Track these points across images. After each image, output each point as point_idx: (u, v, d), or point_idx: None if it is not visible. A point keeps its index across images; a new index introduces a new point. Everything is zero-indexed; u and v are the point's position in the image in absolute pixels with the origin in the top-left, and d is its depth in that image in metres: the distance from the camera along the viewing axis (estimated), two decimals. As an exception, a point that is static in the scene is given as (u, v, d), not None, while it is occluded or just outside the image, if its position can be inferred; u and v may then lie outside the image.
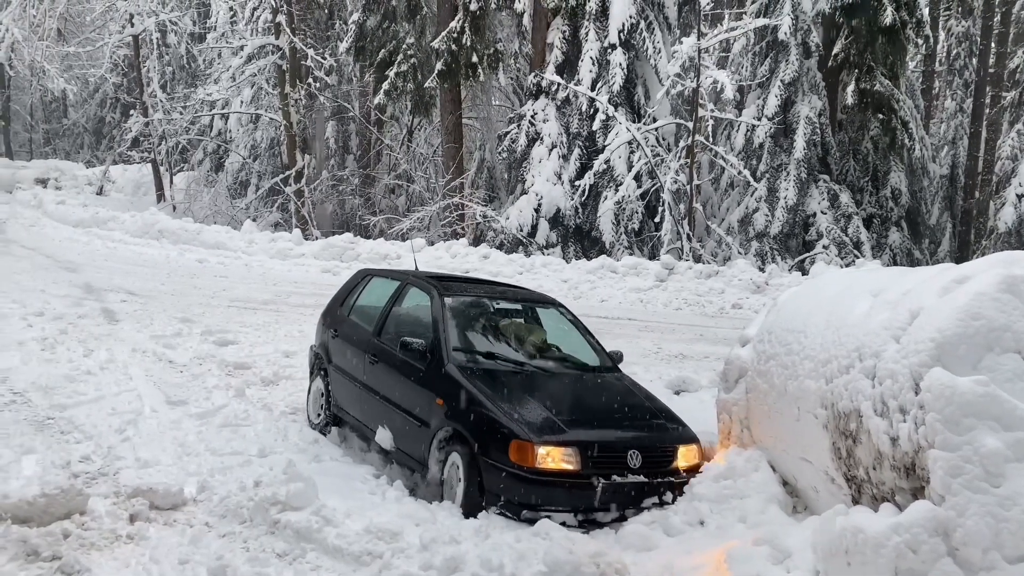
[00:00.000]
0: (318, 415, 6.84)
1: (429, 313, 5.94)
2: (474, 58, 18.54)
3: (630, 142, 17.56)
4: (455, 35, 18.50)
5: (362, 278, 7.19)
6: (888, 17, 17.42)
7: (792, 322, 5.19)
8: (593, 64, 18.35)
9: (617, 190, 17.66)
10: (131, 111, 28.85)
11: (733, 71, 20.69)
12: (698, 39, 16.41)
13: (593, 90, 18.20)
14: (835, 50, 18.72)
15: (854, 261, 17.04)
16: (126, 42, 27.60)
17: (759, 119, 18.53)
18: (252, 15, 25.07)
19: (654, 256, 16.96)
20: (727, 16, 18.56)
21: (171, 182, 27.05)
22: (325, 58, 21.89)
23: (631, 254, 17.15)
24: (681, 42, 16.83)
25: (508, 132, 19.66)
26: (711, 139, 18.84)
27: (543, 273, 15.17)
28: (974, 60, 26.05)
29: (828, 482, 4.69)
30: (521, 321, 6.30)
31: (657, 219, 17.66)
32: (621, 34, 18.01)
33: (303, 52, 21.58)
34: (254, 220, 21.78)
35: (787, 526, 4.68)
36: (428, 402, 5.43)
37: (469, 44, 18.43)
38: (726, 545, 4.55)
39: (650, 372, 8.67)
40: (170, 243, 18.28)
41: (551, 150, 18.46)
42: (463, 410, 5.14)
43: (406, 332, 5.90)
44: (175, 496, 5.07)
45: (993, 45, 24.13)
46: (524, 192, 18.52)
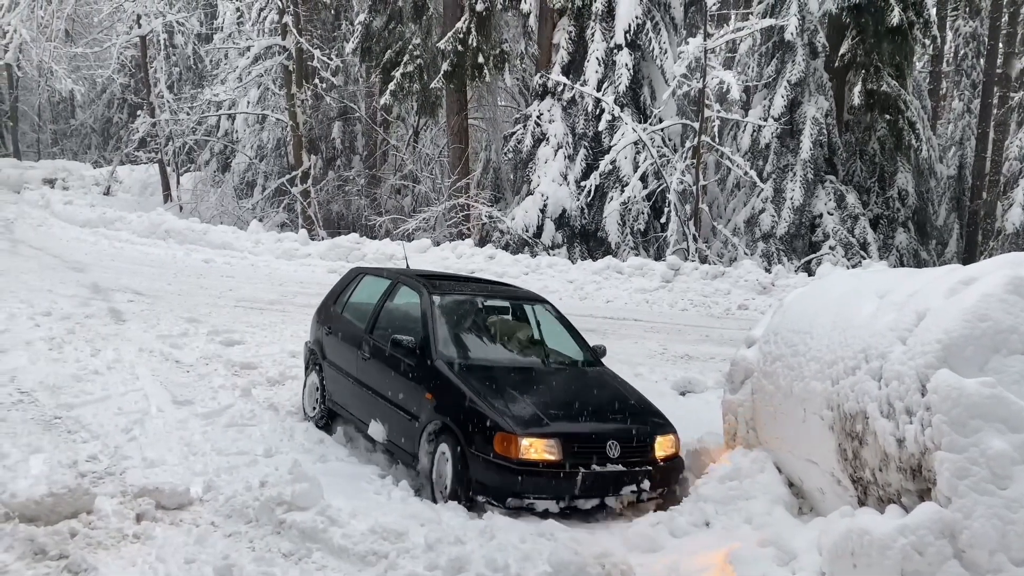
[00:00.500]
0: (313, 408, 7.00)
1: (419, 311, 6.12)
2: (480, 59, 18.54)
3: (636, 143, 17.54)
4: (461, 36, 18.51)
5: (355, 276, 7.33)
6: (895, 17, 17.37)
7: (798, 323, 5.18)
8: (599, 64, 18.34)
9: (623, 191, 17.65)
10: (138, 111, 28.95)
11: (739, 71, 20.68)
12: (704, 39, 16.39)
13: (599, 90, 18.19)
14: (842, 50, 18.66)
15: (861, 262, 16.99)
16: (133, 43, 27.68)
17: (765, 120, 18.49)
18: (259, 16, 25.15)
19: (660, 257, 16.94)
20: (733, 16, 18.58)
21: (178, 182, 27.10)
22: (331, 59, 21.93)
23: (637, 255, 17.13)
24: (687, 42, 16.81)
25: (514, 132, 19.66)
26: (717, 140, 18.83)
27: (549, 274, 15.17)
28: (982, 60, 25.95)
29: (834, 483, 4.68)
30: (508, 318, 6.51)
31: (663, 220, 17.64)
32: (627, 34, 17.99)
33: (309, 53, 21.62)
34: (260, 220, 21.81)
35: (793, 527, 4.68)
36: (418, 396, 5.63)
37: (475, 45, 18.44)
38: (732, 546, 4.54)
39: (656, 373, 8.66)
40: (177, 243, 18.33)
41: (557, 151, 18.46)
42: (451, 404, 5.36)
43: (397, 329, 6.09)
44: (181, 496, 5.09)
45: (1001, 45, 24.04)
46: (530, 193, 18.52)
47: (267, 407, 7.33)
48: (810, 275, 15.20)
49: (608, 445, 5.20)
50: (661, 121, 17.87)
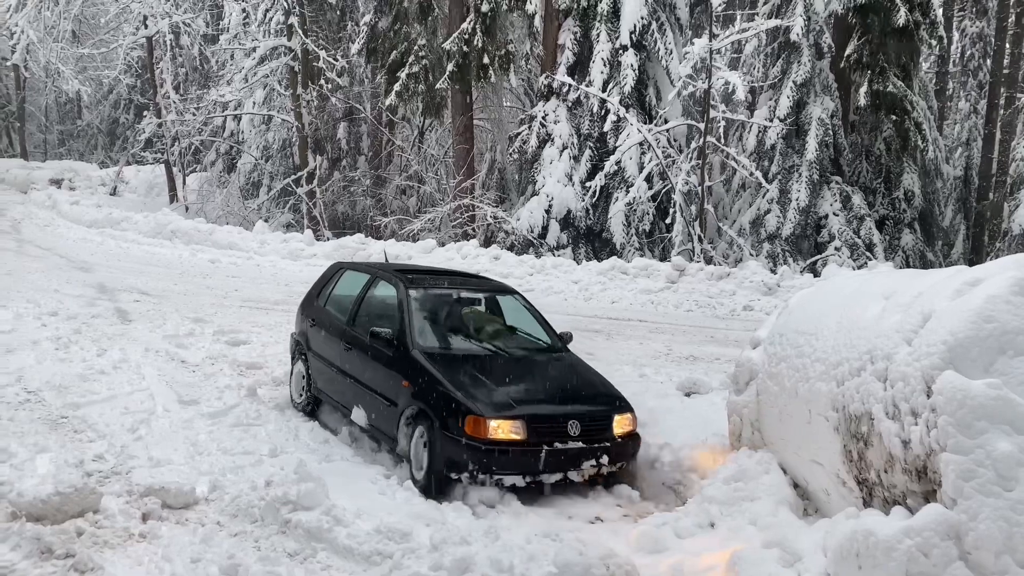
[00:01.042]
0: (300, 395, 7.33)
1: (396, 303, 6.48)
2: (485, 59, 18.55)
3: (641, 143, 17.53)
4: (466, 36, 18.52)
5: (336, 271, 7.69)
6: (901, 18, 17.31)
7: (803, 324, 5.18)
8: (604, 65, 18.33)
9: (628, 191, 17.64)
10: (144, 112, 29.04)
11: (745, 72, 20.64)
12: (710, 40, 16.37)
13: (604, 91, 18.18)
14: (848, 51, 18.60)
15: (866, 263, 16.94)
16: (140, 44, 27.80)
17: (771, 120, 18.46)
18: (264, 17, 25.19)
19: (665, 258, 16.92)
20: (739, 17, 18.52)
21: (184, 183, 27.20)
22: (337, 59, 21.96)
23: (642, 255, 17.11)
24: (693, 43, 16.78)
25: (519, 133, 19.66)
26: (722, 140, 18.80)
27: (554, 274, 15.16)
28: (988, 61, 25.87)
29: (839, 485, 4.67)
30: (480, 308, 6.94)
31: (668, 220, 17.62)
32: (632, 35, 17.98)
33: (315, 53, 21.66)
34: (266, 221, 21.87)
35: (798, 529, 4.67)
36: (396, 384, 5.98)
37: (480, 45, 18.45)
38: (736, 547, 4.54)
39: (660, 374, 8.65)
40: (183, 243, 18.38)
41: (562, 151, 18.46)
42: (426, 390, 5.71)
43: (375, 321, 6.47)
44: (187, 495, 5.11)
45: (1007, 46, 23.94)
46: (535, 193, 18.52)
47: (272, 407, 7.35)
48: (816, 276, 15.15)
49: (569, 425, 5.58)
50: (666, 122, 17.85)
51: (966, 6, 27.47)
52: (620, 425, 5.84)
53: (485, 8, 18.33)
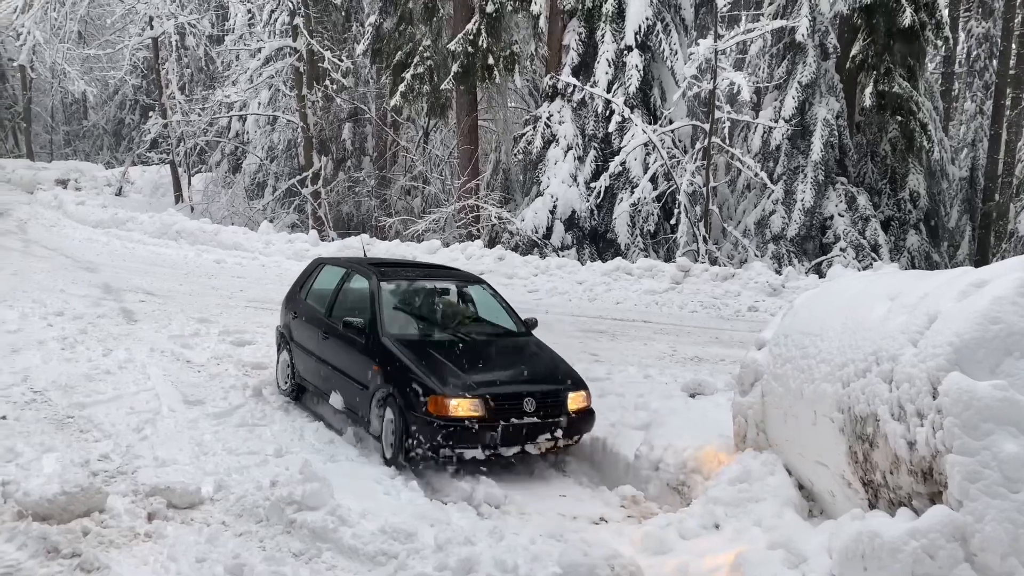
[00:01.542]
0: (285, 382, 7.73)
1: (368, 294, 6.88)
2: (490, 60, 18.55)
3: (646, 144, 17.52)
4: (471, 37, 18.53)
5: (316, 266, 8.13)
6: (907, 18, 17.27)
7: (809, 325, 5.17)
8: (609, 66, 18.32)
9: (633, 192, 17.62)
10: (150, 113, 29.11)
11: (750, 73, 20.61)
12: (715, 41, 16.35)
13: (609, 92, 18.17)
14: (853, 52, 18.57)
15: (871, 264, 16.90)
16: (145, 44, 27.84)
17: (776, 121, 18.43)
18: (270, 17, 25.23)
19: (669, 258, 16.90)
20: (744, 18, 18.52)
21: (189, 183, 27.25)
22: (342, 60, 21.99)
23: (646, 256, 17.10)
24: (698, 44, 16.76)
25: (524, 134, 19.66)
26: (727, 141, 18.74)
27: (558, 275, 15.15)
28: (994, 61, 25.80)
29: (844, 486, 4.66)
30: (449, 297, 7.38)
31: (673, 221, 17.60)
32: (637, 36, 17.96)
33: (320, 54, 21.69)
34: (271, 221, 21.90)
35: (803, 530, 4.66)
36: (367, 369, 6.42)
37: (485, 46, 18.45)
38: (741, 549, 4.53)
39: (665, 374, 8.64)
40: (188, 244, 18.42)
41: (567, 152, 18.45)
42: (394, 374, 6.15)
43: (350, 312, 6.87)
44: (192, 495, 5.12)
45: (1014, 46, 23.87)
46: (539, 194, 18.52)
47: (278, 407, 7.37)
48: (821, 277, 15.12)
49: (525, 402, 5.99)
50: (671, 122, 17.83)
51: (972, 6, 27.40)
52: (574, 402, 6.25)
53: (490, 9, 18.34)
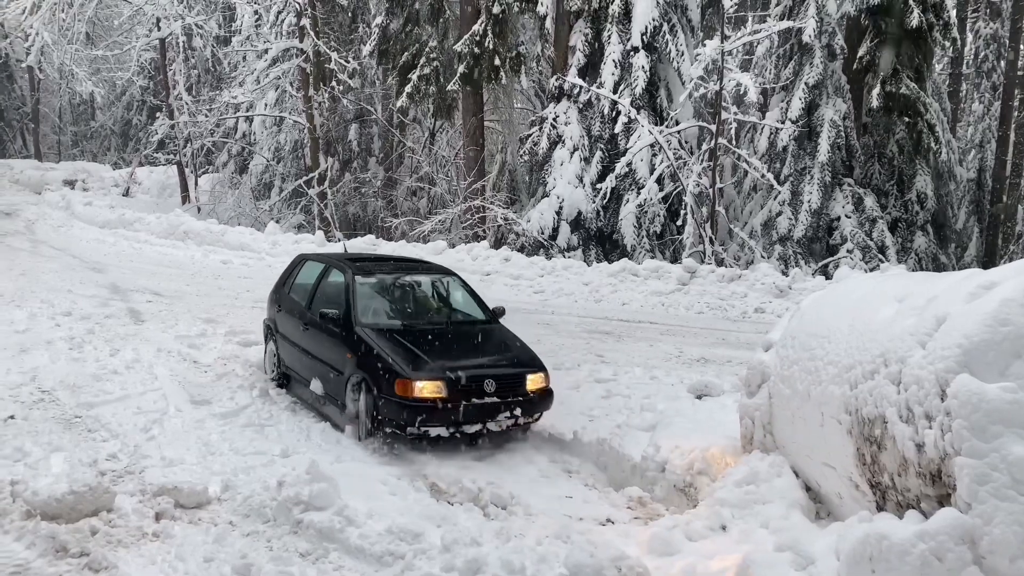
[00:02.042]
0: (272, 371, 8.22)
1: (343, 287, 7.37)
2: (496, 61, 18.55)
3: (652, 145, 17.49)
4: (478, 38, 18.54)
5: (299, 262, 8.65)
6: (915, 19, 17.22)
7: (816, 327, 5.16)
8: (615, 67, 18.30)
9: (639, 193, 17.60)
10: (157, 114, 29.17)
11: (756, 74, 20.58)
12: (722, 42, 16.32)
13: (615, 93, 18.16)
14: (860, 52, 18.51)
15: (879, 265, 16.85)
16: (153, 45, 27.93)
17: (783, 122, 18.39)
18: (277, 18, 25.29)
19: (676, 259, 16.88)
20: (751, 19, 18.47)
21: (196, 184, 27.32)
22: (348, 61, 22.02)
23: (652, 257, 17.07)
24: (704, 45, 16.73)
25: (530, 135, 19.65)
26: (734, 142, 18.72)
27: (564, 276, 15.15)
28: (1002, 62, 25.69)
29: (852, 488, 4.65)
30: (421, 289, 7.86)
31: (679, 222, 17.57)
32: (644, 37, 17.94)
33: (327, 55, 21.73)
34: (277, 222, 21.95)
35: (810, 532, 4.65)
36: (343, 356, 6.86)
37: (491, 47, 18.46)
38: (748, 550, 4.52)
39: (671, 376, 8.63)
40: (195, 244, 18.47)
41: (573, 153, 18.44)
42: (366, 360, 6.59)
43: (328, 304, 7.33)
44: (200, 495, 5.13)
45: (1022, 47, 23.77)
46: (545, 195, 18.51)
47: (284, 407, 7.39)
48: (827, 278, 15.07)
49: (485, 383, 6.40)
50: (678, 123, 17.80)
51: (980, 7, 27.29)
52: (533, 383, 6.68)
53: (496, 10, 18.34)
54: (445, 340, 6.95)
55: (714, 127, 16.98)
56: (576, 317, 12.44)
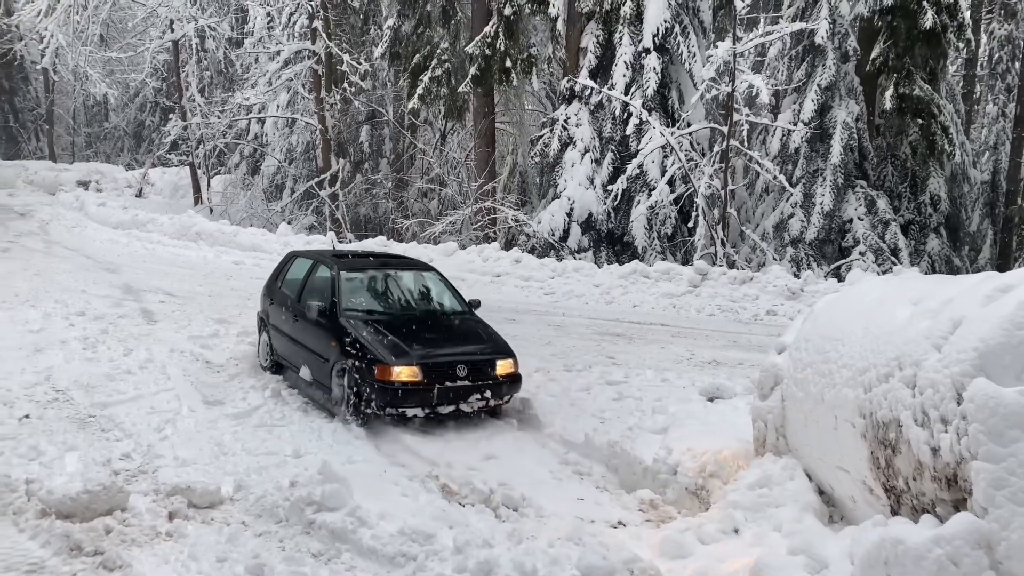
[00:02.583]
0: (265, 360, 8.68)
1: (330, 281, 7.90)
2: (508, 63, 18.57)
3: (664, 146, 17.46)
4: (489, 40, 18.55)
5: (289, 259, 9.15)
6: (928, 21, 17.12)
7: (829, 330, 5.13)
8: (627, 68, 18.28)
9: (650, 195, 17.56)
10: (170, 115, 29.37)
11: (768, 75, 20.52)
12: (734, 43, 16.27)
13: (627, 94, 18.13)
14: (873, 54, 18.42)
15: (891, 268, 16.75)
16: (166, 47, 28.11)
17: (795, 124, 18.31)
18: (289, 20, 25.39)
19: (687, 261, 16.83)
20: (762, 20, 18.39)
21: (208, 185, 27.45)
22: (360, 63, 22.08)
23: (664, 259, 17.03)
24: (716, 46, 16.68)
25: (541, 136, 19.65)
26: (746, 144, 18.65)
27: (575, 278, 15.13)
28: (1017, 64, 25.51)
29: (866, 492, 4.62)
30: (402, 283, 8.39)
31: (690, 224, 17.52)
32: (655, 38, 17.91)
33: (338, 57, 21.80)
34: (289, 223, 22.03)
35: (823, 536, 4.62)
36: (328, 345, 7.37)
37: (503, 49, 18.48)
38: (761, 554, 4.50)
39: (683, 378, 8.60)
40: (207, 245, 18.56)
41: (584, 154, 18.43)
42: (349, 348, 7.08)
43: (315, 297, 7.87)
44: (212, 495, 5.15)
45: (1037, 49, 23.61)
46: (556, 196, 18.50)
47: (296, 408, 7.41)
48: (840, 281, 14.99)
49: (458, 368, 6.93)
50: (689, 125, 17.76)
51: (994, 8, 27.11)
52: (503, 368, 7.17)
53: (508, 12, 18.35)
54: (422, 329, 7.47)
55: (726, 129, 16.93)
56: (587, 319, 12.42)
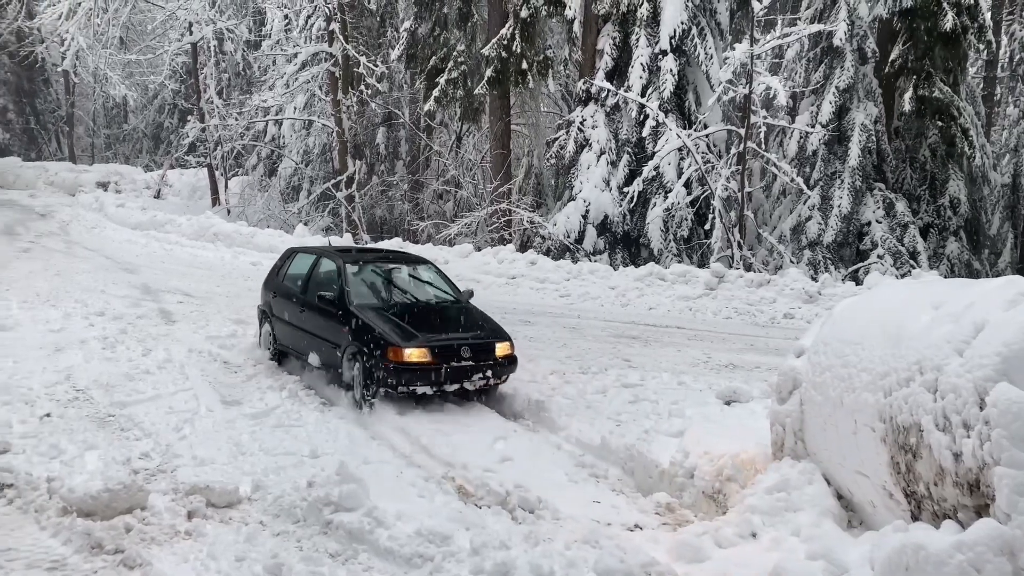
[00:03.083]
0: (268, 348, 9.15)
1: (336, 273, 8.42)
2: (524, 65, 18.57)
3: (680, 148, 17.41)
4: (505, 42, 18.57)
5: (289, 255, 9.63)
6: (949, 22, 16.97)
7: (848, 333, 5.09)
8: (643, 70, 18.25)
9: (666, 197, 17.51)
10: (188, 117, 29.59)
11: (786, 77, 20.40)
12: (751, 45, 16.20)
13: (643, 96, 18.10)
14: (892, 56, 18.28)
15: (910, 271, 16.61)
16: (185, 50, 28.34)
17: (813, 126, 18.20)
18: (306, 23, 25.53)
19: (703, 264, 16.77)
20: (780, 22, 18.30)
21: (226, 186, 27.64)
22: (377, 65, 22.17)
23: (680, 262, 16.98)
24: (733, 48, 16.62)
25: (556, 138, 19.65)
26: (763, 146, 18.56)
27: (590, 280, 15.10)
28: (1038, 66, 25.25)
29: (886, 497, 4.58)
30: (401, 274, 8.96)
31: (707, 227, 17.45)
32: (672, 40, 17.87)
33: (355, 59, 21.89)
34: (306, 224, 22.14)
35: (843, 541, 4.58)
36: (338, 331, 7.89)
37: (519, 51, 18.49)
38: (780, 559, 4.47)
39: (699, 381, 8.57)
40: (225, 246, 18.68)
41: (600, 156, 18.41)
42: (360, 333, 7.62)
43: (322, 288, 8.40)
44: (231, 494, 5.18)
45: (1059, 50, 23.36)
46: (572, 198, 18.49)
47: (313, 408, 7.44)
48: (857, 284, 14.89)
49: (462, 349, 7.53)
50: (706, 127, 17.69)
51: (1015, 10, 26.86)
52: (501, 350, 7.78)
53: (524, 14, 18.37)
54: (425, 315, 8.11)
55: (743, 131, 16.86)
56: (602, 321, 12.40)
